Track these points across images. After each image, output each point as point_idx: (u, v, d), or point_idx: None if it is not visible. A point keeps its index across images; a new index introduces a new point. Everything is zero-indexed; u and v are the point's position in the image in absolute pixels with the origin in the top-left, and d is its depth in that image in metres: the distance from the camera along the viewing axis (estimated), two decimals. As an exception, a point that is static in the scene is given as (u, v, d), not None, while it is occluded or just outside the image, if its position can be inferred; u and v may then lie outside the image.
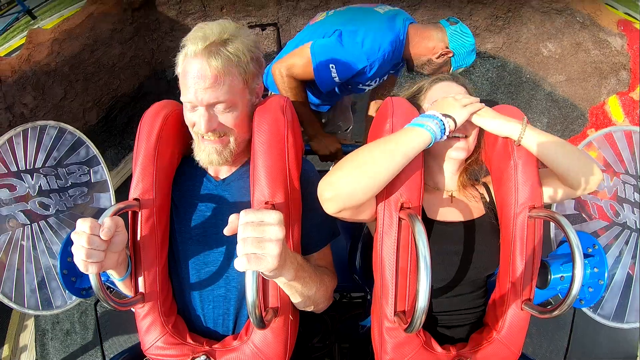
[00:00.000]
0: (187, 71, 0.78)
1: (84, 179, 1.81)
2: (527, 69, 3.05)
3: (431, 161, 0.93)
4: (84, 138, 1.83)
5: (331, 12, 1.50)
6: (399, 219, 0.80)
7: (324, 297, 0.88)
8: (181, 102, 0.85)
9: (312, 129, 1.46)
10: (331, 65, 1.32)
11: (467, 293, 0.92)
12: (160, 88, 2.90)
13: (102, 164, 1.87)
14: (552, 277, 0.95)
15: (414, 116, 0.83)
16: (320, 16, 1.53)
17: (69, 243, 0.72)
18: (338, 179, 0.75)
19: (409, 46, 1.40)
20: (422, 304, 0.66)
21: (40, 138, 1.70)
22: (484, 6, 2.90)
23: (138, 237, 0.84)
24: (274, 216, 0.61)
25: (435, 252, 0.67)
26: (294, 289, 0.78)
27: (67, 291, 1.22)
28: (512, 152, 0.86)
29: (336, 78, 1.34)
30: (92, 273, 0.70)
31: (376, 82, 1.55)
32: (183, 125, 0.88)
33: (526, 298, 0.84)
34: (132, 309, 0.88)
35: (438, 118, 0.79)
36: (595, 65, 2.68)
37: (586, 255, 0.97)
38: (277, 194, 0.80)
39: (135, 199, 0.84)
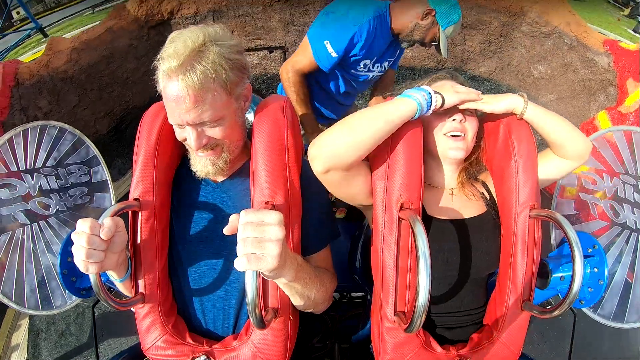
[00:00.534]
0: (167, 94, 0.76)
1: (84, 179, 1.81)
2: (520, 90, 3.24)
3: (431, 161, 0.93)
4: (84, 138, 1.83)
5: None
6: (399, 219, 0.80)
7: (324, 298, 0.87)
8: None
9: (309, 127, 1.48)
10: (325, 41, 1.41)
11: (468, 293, 0.92)
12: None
13: (102, 164, 1.87)
14: (552, 277, 0.95)
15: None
16: None
17: (69, 243, 0.72)
18: (324, 138, 0.79)
19: (394, 20, 1.47)
20: (422, 304, 0.66)
21: (40, 138, 1.70)
22: (477, 32, 3.07)
23: (138, 238, 0.84)
24: (274, 216, 0.61)
25: (435, 250, 0.68)
26: (294, 290, 0.77)
27: (67, 291, 1.22)
28: (513, 151, 0.86)
29: (332, 53, 1.42)
30: (92, 273, 0.70)
31: (376, 69, 1.59)
32: None
33: (526, 298, 0.84)
34: (132, 309, 0.88)
35: (427, 91, 0.82)
36: (583, 83, 2.81)
37: (586, 255, 0.97)
38: (277, 194, 0.80)
39: (135, 199, 0.84)
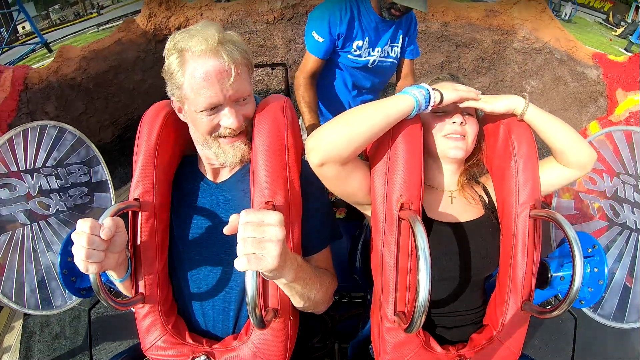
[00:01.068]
0: (205, 72, 0.75)
1: (84, 179, 1.81)
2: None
3: (431, 161, 0.94)
4: (84, 138, 1.83)
5: None
6: (399, 219, 0.80)
7: (324, 299, 0.87)
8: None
9: (311, 130, 1.48)
10: (312, 32, 1.52)
11: (467, 293, 0.92)
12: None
13: (102, 164, 1.87)
14: (552, 277, 0.95)
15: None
16: None
17: (69, 243, 0.72)
18: (321, 130, 0.79)
19: None
20: (422, 302, 0.66)
21: (40, 138, 1.70)
22: (471, 50, 3.20)
23: (138, 238, 0.84)
24: (275, 217, 0.61)
25: (434, 253, 0.68)
26: (294, 290, 0.77)
27: (67, 291, 1.22)
28: (513, 152, 0.86)
29: (319, 38, 1.51)
30: (92, 273, 0.70)
31: (376, 53, 1.60)
32: (183, 125, 0.88)
33: (526, 298, 0.84)
34: (132, 309, 0.88)
35: (425, 88, 0.82)
36: (575, 96, 2.90)
37: (586, 255, 0.97)
38: (277, 194, 0.80)
39: (135, 199, 0.84)
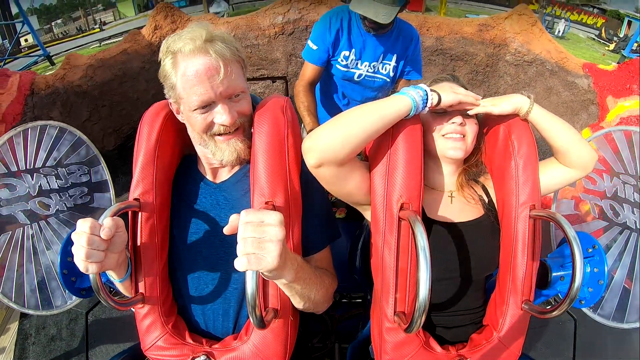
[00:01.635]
0: (195, 70, 0.76)
1: (84, 179, 1.81)
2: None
3: (430, 162, 0.93)
4: (84, 138, 1.83)
5: None
6: (399, 219, 0.80)
7: (324, 299, 0.87)
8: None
9: (310, 129, 1.50)
10: (308, 42, 1.64)
11: (467, 293, 0.92)
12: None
13: (102, 164, 1.87)
14: (552, 277, 0.95)
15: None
16: None
17: (69, 243, 0.72)
18: (318, 131, 0.79)
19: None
20: (422, 302, 0.66)
21: (40, 138, 1.70)
22: (465, 63, 3.29)
23: (138, 238, 0.84)
24: (275, 217, 0.61)
25: (434, 253, 0.68)
26: (294, 290, 0.77)
27: (67, 291, 1.22)
28: (513, 152, 0.86)
29: (313, 46, 1.62)
30: (92, 273, 0.70)
31: (364, 67, 1.66)
32: (183, 125, 0.88)
33: (526, 298, 0.84)
34: (132, 309, 0.88)
35: (422, 89, 0.82)
36: (566, 105, 2.97)
37: (586, 255, 0.97)
38: (277, 194, 0.80)
39: (135, 199, 0.84)
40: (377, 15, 1.43)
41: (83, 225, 0.67)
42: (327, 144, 0.77)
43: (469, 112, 0.89)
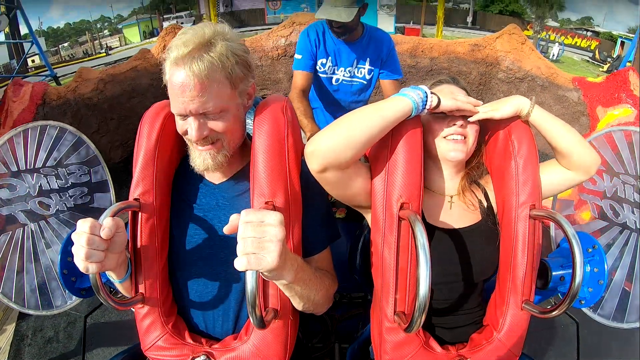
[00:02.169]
0: (172, 82, 0.76)
1: (84, 179, 1.81)
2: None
3: (431, 163, 0.93)
4: (84, 138, 1.83)
5: None
6: (399, 219, 0.80)
7: (324, 300, 0.87)
8: None
9: (310, 133, 1.54)
10: (295, 55, 1.82)
11: (466, 295, 0.92)
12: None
13: (102, 164, 1.87)
14: (552, 277, 0.95)
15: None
16: None
17: (69, 243, 0.72)
18: (320, 135, 0.79)
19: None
20: (422, 301, 0.66)
21: (40, 138, 1.70)
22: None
23: (138, 238, 0.84)
24: (275, 217, 0.61)
25: (433, 257, 0.68)
26: (294, 291, 0.77)
27: (67, 291, 1.22)
28: (513, 152, 0.86)
29: (298, 56, 1.81)
30: (92, 273, 0.70)
31: (340, 73, 1.84)
32: None
33: (526, 298, 0.84)
34: (132, 309, 0.88)
35: (423, 90, 0.82)
36: (558, 117, 3.07)
37: (586, 255, 0.96)
38: (277, 194, 0.80)
39: (135, 199, 0.84)
40: (340, 16, 1.61)
41: (83, 225, 0.67)
42: (330, 148, 0.77)
43: (470, 120, 0.88)
